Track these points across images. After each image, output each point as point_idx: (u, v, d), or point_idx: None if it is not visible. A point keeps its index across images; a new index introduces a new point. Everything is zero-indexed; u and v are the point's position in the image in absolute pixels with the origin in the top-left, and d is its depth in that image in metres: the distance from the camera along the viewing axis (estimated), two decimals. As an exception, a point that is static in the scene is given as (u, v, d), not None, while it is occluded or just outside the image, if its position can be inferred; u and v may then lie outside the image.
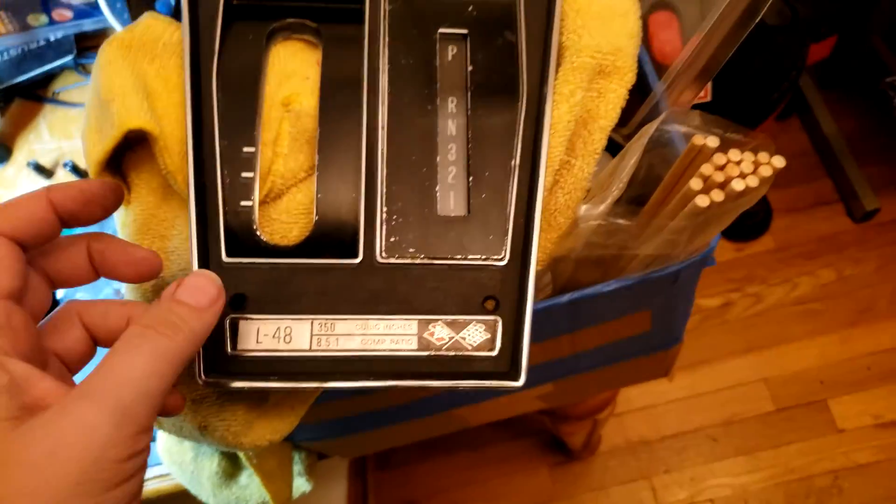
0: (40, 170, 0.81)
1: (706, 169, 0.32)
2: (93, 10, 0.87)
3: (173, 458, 0.56)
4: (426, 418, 0.56)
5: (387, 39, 0.40)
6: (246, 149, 0.38)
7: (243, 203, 0.37)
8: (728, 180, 0.32)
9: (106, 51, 0.40)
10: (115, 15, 0.83)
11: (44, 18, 0.86)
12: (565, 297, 0.40)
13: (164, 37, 0.41)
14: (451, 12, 0.41)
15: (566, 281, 0.45)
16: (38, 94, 0.87)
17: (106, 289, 0.73)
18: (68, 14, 0.87)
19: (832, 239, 1.50)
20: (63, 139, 0.85)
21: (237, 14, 0.40)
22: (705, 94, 1.03)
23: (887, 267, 1.46)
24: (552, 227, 0.42)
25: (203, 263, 0.36)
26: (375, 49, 0.40)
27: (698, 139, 0.33)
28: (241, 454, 0.51)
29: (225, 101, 0.38)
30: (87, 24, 0.87)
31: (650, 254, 0.37)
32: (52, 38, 0.86)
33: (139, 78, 0.39)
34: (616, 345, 0.50)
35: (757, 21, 0.40)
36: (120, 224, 0.42)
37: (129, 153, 0.40)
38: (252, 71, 0.40)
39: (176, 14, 0.50)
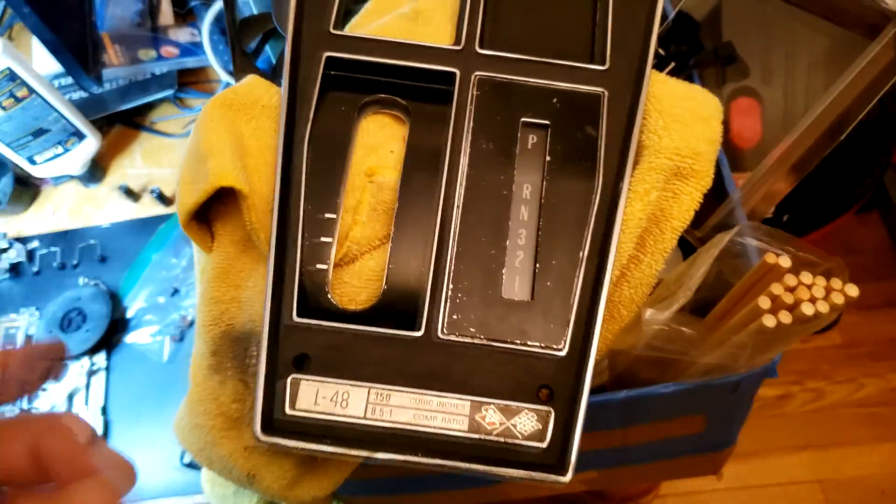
0: (129, 193, 0.85)
1: (776, 289, 0.32)
2: (196, 48, 0.93)
3: (215, 490, 0.57)
4: (467, 490, 0.56)
5: (471, 123, 0.41)
6: (328, 214, 0.40)
7: (318, 266, 0.39)
8: (798, 303, 0.32)
9: (209, 108, 0.42)
10: (217, 55, 0.88)
11: (153, 53, 0.91)
12: (621, 395, 0.40)
13: (264, 99, 0.43)
14: (535, 102, 0.42)
15: (622, 372, 0.45)
16: (136, 121, 0.93)
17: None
18: (175, 51, 0.92)
19: (905, 343, 1.44)
20: (154, 166, 0.89)
21: (333, 84, 0.42)
22: (782, 186, 1.01)
23: (957, 375, 1.39)
24: (614, 319, 0.42)
25: (274, 320, 0.38)
26: (459, 130, 0.41)
27: (770, 258, 0.33)
28: (281, 499, 0.52)
29: (313, 167, 0.40)
30: (190, 62, 0.92)
31: (710, 363, 0.37)
32: (157, 72, 0.92)
33: (236, 136, 0.42)
34: (667, 442, 0.49)
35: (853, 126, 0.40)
36: (200, 269, 0.45)
37: (217, 204, 0.43)
38: (342, 140, 0.42)
39: (274, 71, 0.53)
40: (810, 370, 1.42)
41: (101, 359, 0.73)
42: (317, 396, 0.37)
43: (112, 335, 0.74)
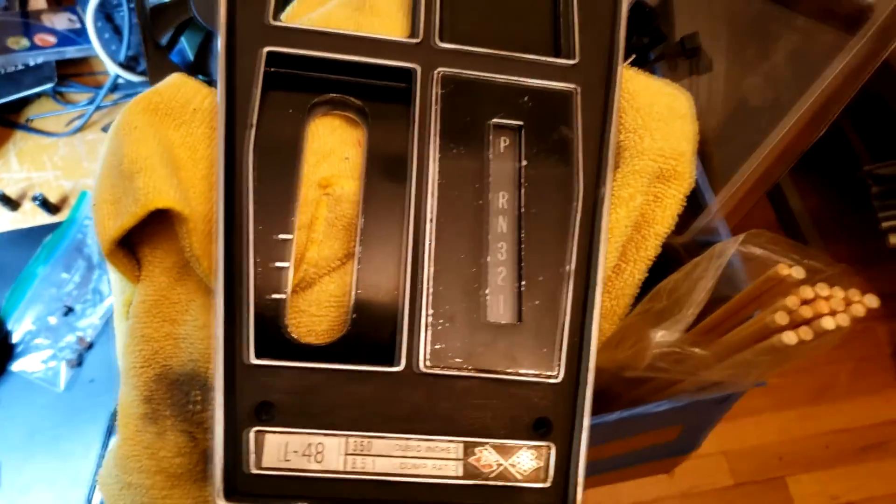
0: (6, 200, 0.75)
1: (791, 302, 0.30)
2: (77, 37, 0.82)
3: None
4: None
5: (437, 125, 0.37)
6: (282, 235, 0.34)
7: (275, 296, 0.34)
8: (816, 316, 0.30)
9: (131, 113, 0.36)
10: (103, 44, 0.78)
11: (25, 42, 0.80)
12: (614, 416, 0.37)
13: (195, 102, 0.37)
14: (505, 101, 0.38)
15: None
16: (9, 119, 0.81)
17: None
18: (51, 39, 0.82)
19: (795, 314, 1.52)
20: (33, 169, 0.79)
21: (276, 83, 0.37)
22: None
23: (848, 345, 1.47)
24: (595, 334, 0.39)
25: (229, 363, 0.32)
26: (425, 134, 0.37)
27: (783, 269, 0.31)
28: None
29: (261, 180, 0.35)
30: (70, 52, 0.82)
31: (713, 380, 0.34)
32: (31, 63, 0.81)
33: (165, 147, 0.35)
34: (636, 452, 0.47)
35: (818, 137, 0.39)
36: (122, 301, 0.38)
37: (143, 226, 0.36)
38: (291, 147, 0.36)
39: (192, 67, 0.46)
40: (714, 347, 1.47)
41: (-18, 392, 0.64)
42: (286, 450, 0.32)
43: (-5, 364, 0.65)
